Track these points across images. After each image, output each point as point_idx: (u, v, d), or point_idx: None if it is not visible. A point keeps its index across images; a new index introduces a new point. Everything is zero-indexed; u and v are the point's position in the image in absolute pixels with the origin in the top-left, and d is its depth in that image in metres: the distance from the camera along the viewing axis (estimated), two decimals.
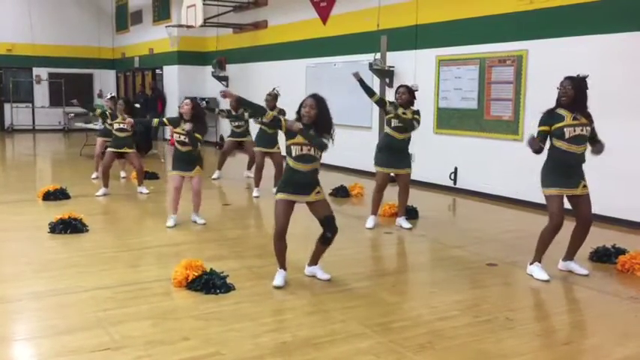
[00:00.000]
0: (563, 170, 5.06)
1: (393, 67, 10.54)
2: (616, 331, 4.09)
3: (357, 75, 6.88)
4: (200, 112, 6.89)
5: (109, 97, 9.96)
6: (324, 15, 10.22)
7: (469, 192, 9.27)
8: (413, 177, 9.98)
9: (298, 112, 4.76)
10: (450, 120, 9.66)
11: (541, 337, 4.07)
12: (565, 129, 5.00)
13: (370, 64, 10.51)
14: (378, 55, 10.54)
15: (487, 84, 8.98)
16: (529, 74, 8.32)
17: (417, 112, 6.78)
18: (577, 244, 5.27)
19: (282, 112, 8.85)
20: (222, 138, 12.27)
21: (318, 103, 4.72)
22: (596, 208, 7.28)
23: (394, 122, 6.75)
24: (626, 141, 7.11)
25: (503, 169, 8.64)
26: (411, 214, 7.45)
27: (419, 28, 10.11)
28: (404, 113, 6.70)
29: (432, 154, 9.87)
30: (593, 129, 5.08)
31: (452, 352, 3.70)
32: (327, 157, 5.09)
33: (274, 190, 8.95)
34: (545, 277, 5.10)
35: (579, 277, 5.21)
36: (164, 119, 7.15)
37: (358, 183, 9.37)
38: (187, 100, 6.89)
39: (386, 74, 10.54)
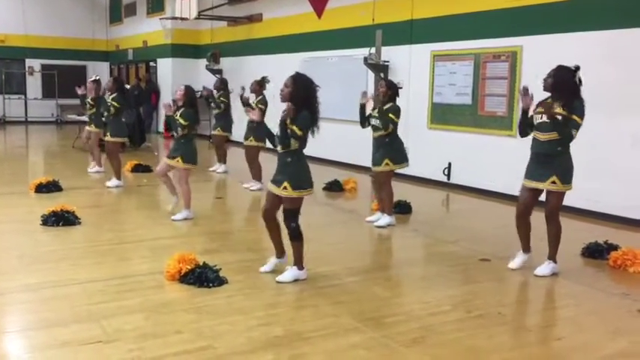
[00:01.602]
0: (533, 158, 5.10)
1: (387, 61, 10.53)
2: (607, 326, 4.11)
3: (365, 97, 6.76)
4: (193, 98, 6.93)
5: (93, 79, 10.07)
6: (319, 9, 10.17)
7: (463, 187, 9.28)
8: (407, 172, 9.99)
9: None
10: (444, 115, 9.67)
11: (533, 332, 4.09)
12: (535, 115, 5.06)
13: (365, 59, 10.49)
14: (373, 50, 10.52)
15: (482, 79, 8.99)
16: (523, 70, 8.33)
17: (391, 110, 6.57)
18: (549, 241, 5.17)
19: (263, 100, 8.87)
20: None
21: (293, 80, 4.60)
22: (589, 204, 7.37)
23: (371, 121, 6.72)
24: (618, 137, 7.15)
25: (497, 164, 8.65)
26: (404, 209, 7.47)
27: (414, 22, 10.10)
28: (377, 110, 6.61)
29: (426, 149, 9.87)
30: (568, 120, 4.83)
31: (444, 346, 3.70)
32: (321, 152, 5.07)
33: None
34: (513, 265, 5.28)
35: (571, 273, 5.22)
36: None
37: (352, 178, 9.37)
38: (182, 87, 6.98)
39: (380, 69, 10.52)
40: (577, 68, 4.95)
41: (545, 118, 4.94)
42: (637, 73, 6.98)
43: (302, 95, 4.57)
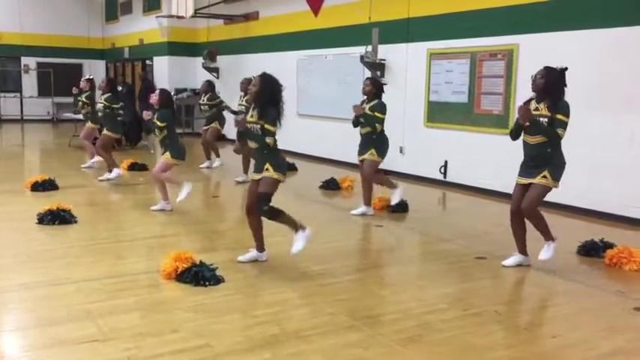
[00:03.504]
0: (524, 160, 5.13)
1: (384, 60, 10.53)
2: (603, 324, 4.12)
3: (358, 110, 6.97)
4: (168, 99, 7.19)
5: (87, 77, 10.23)
6: (315, 7, 10.16)
7: (459, 185, 9.29)
8: (403, 170, 10.04)
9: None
10: (440, 113, 9.67)
11: (529, 330, 4.10)
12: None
13: (361, 57, 10.49)
14: (370, 48, 10.52)
15: (478, 78, 9.00)
16: (520, 69, 8.33)
17: (377, 108, 6.87)
18: (538, 230, 5.17)
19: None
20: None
21: (260, 80, 4.85)
22: (585, 202, 7.39)
23: (360, 119, 6.99)
24: (615, 135, 7.16)
25: (493, 162, 8.67)
26: (401, 207, 7.48)
27: (410, 21, 10.10)
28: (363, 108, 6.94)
29: (422, 147, 9.89)
30: (553, 120, 4.87)
31: (440, 344, 3.71)
32: (317, 150, 5.08)
33: None
34: (507, 262, 5.33)
35: (567, 271, 5.24)
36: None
37: (349, 176, 9.37)
38: (157, 91, 7.33)
39: (377, 67, 10.52)
40: (564, 69, 4.97)
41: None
42: (634, 71, 6.99)
43: (268, 92, 4.83)
